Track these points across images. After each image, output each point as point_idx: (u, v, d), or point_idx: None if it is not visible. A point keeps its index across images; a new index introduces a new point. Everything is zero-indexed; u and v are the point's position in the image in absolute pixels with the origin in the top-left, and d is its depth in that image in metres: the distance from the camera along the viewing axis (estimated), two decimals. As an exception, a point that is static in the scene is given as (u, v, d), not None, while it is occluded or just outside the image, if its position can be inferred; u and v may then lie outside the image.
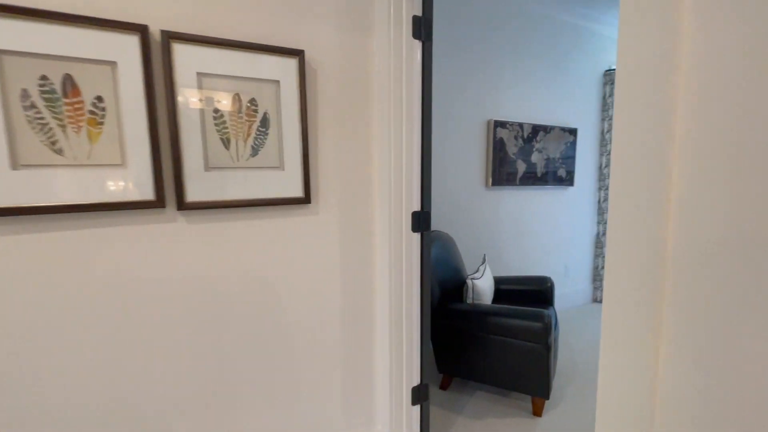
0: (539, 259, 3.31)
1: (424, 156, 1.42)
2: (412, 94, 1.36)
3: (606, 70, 3.56)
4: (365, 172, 1.42)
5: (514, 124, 2.93)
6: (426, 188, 1.44)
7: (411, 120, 1.37)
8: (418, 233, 1.44)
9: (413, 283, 1.44)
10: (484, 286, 2.08)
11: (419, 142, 1.40)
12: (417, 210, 1.42)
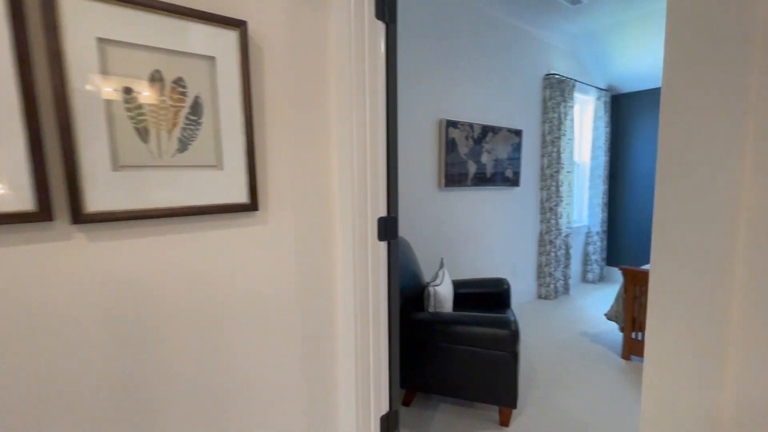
0: (490, 259, 3.34)
1: (390, 154, 1.25)
2: (376, 83, 1.19)
3: (545, 74, 3.71)
4: (323, 173, 1.21)
5: (465, 124, 2.90)
6: (392, 190, 1.27)
7: (375, 113, 1.20)
8: (385, 242, 1.27)
9: (380, 300, 1.27)
10: (444, 293, 1.97)
11: (384, 137, 1.24)
12: (383, 215, 1.25)
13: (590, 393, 2.12)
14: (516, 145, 3.37)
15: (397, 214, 1.30)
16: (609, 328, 3.04)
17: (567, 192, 3.88)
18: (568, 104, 3.78)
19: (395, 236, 1.29)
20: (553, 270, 3.80)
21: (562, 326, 3.09)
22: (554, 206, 3.76)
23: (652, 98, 4.13)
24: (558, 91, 3.68)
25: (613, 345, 2.73)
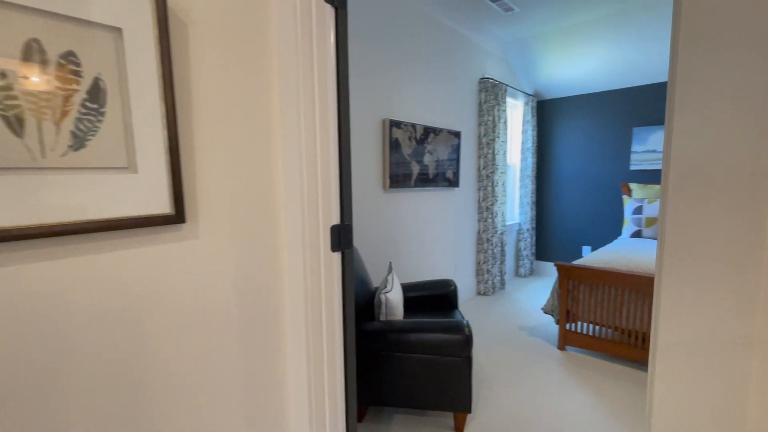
0: (433, 260, 3.35)
1: (342, 154, 1.13)
2: (326, 74, 1.06)
3: (481, 78, 3.83)
4: (267, 176, 1.04)
5: (408, 124, 2.85)
6: (346, 195, 1.15)
7: (325, 108, 1.06)
8: (339, 253, 1.14)
9: (334, 317, 1.13)
10: (396, 300, 1.89)
11: (336, 136, 1.11)
12: (336, 223, 1.12)
13: (535, 386, 2.20)
14: (455, 146, 3.43)
15: (351, 221, 1.18)
16: (545, 321, 3.22)
17: (501, 192, 4.06)
18: (501, 108, 3.96)
19: (349, 246, 1.16)
20: (490, 267, 3.95)
21: (502, 321, 3.21)
22: (490, 206, 3.91)
23: (573, 105, 4.50)
24: (492, 94, 3.83)
25: (550, 337, 2.89)
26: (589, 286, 2.54)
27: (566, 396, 2.11)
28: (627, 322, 2.39)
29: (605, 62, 3.93)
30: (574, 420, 1.89)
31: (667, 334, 0.70)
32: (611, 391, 2.14)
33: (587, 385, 2.21)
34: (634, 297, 2.36)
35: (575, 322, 2.64)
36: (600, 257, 2.71)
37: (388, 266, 2.19)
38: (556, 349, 2.68)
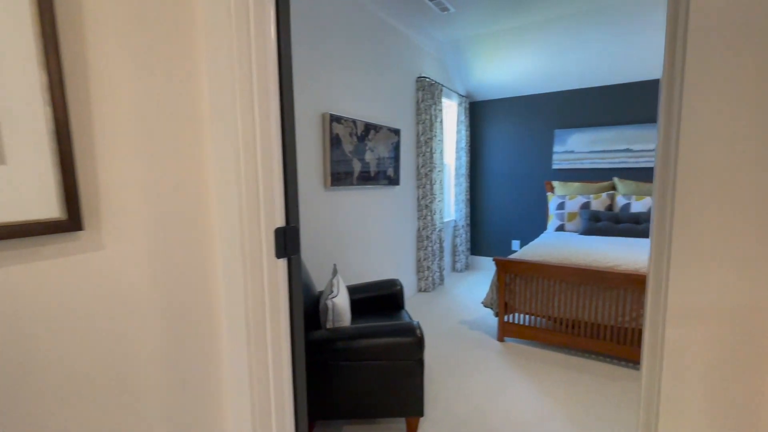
0: (376, 259, 3.28)
1: (286, 147, 0.99)
2: (266, 42, 0.91)
3: (418, 76, 3.85)
4: (195, 171, 0.87)
5: (349, 120, 2.74)
6: (291, 193, 1.01)
7: (265, 85, 0.91)
8: (285, 259, 1.00)
9: (281, 335, 0.99)
10: (343, 305, 1.78)
11: (278, 127, 0.96)
12: (281, 226, 0.98)
13: (480, 380, 2.24)
14: (395, 144, 3.40)
15: (298, 223, 1.04)
16: (483, 314, 3.34)
17: (439, 190, 4.13)
18: (438, 107, 4.02)
19: (297, 251, 1.03)
20: (430, 264, 4.01)
21: (444, 317, 3.26)
22: (429, 203, 3.96)
23: (502, 107, 4.75)
24: (429, 93, 3.87)
25: (489, 329, 2.99)
26: (525, 278, 2.67)
27: (510, 387, 2.17)
28: (558, 310, 2.56)
29: (531, 68, 4.20)
30: (521, 409, 1.95)
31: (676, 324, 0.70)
32: (549, 378, 2.26)
33: (527, 374, 2.32)
34: (565, 287, 2.52)
35: (512, 314, 2.76)
36: (533, 251, 2.87)
37: (333, 269, 2.06)
38: (496, 341, 2.78)
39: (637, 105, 3.97)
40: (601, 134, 4.17)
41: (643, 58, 3.70)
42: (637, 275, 2.26)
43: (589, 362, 2.45)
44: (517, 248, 4.81)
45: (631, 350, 2.34)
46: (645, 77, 3.88)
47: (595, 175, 4.26)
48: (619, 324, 2.37)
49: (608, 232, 3.53)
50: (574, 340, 2.52)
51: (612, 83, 4.06)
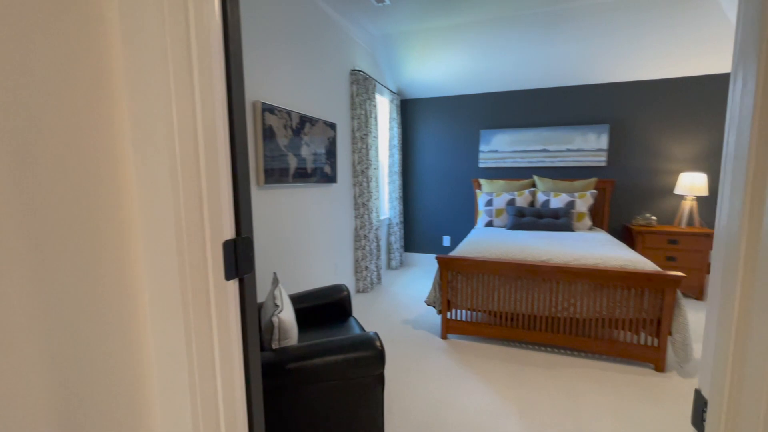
0: (315, 262, 3.06)
1: (235, 135, 0.77)
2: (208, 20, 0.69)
3: (352, 69, 3.69)
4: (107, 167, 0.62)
5: (283, 111, 2.48)
6: (243, 193, 0.80)
7: (209, 72, 0.69)
8: (236, 281, 0.78)
9: (235, 385, 0.77)
10: (289, 320, 1.57)
11: (226, 110, 0.75)
12: (230, 238, 0.76)
13: (432, 382, 2.20)
14: (332, 139, 3.21)
15: (251, 232, 0.83)
16: (425, 312, 3.33)
17: (375, 187, 4.04)
18: (372, 102, 3.92)
19: (251, 267, 0.82)
20: (368, 263, 3.90)
21: (386, 317, 3.18)
22: (366, 201, 3.84)
23: (432, 106, 4.82)
24: (363, 88, 3.74)
25: (432, 327, 2.99)
26: (466, 275, 2.71)
27: (462, 386, 2.16)
28: (497, 305, 2.64)
29: (459, 68, 4.31)
30: (476, 409, 1.94)
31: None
32: (494, 372, 2.31)
33: (475, 371, 2.34)
34: (503, 281, 2.61)
35: (454, 310, 2.78)
36: (472, 247, 2.92)
37: (273, 278, 1.83)
38: (440, 339, 2.78)
39: (553, 109, 4.33)
40: (521, 135, 4.47)
41: (559, 66, 4.04)
42: (568, 267, 2.42)
43: (527, 352, 2.57)
44: (448, 244, 4.95)
45: (564, 338, 2.51)
46: (560, 83, 4.24)
47: (517, 174, 4.57)
48: (552, 314, 2.52)
49: (532, 226, 3.78)
50: (513, 332, 2.63)
51: (531, 88, 4.37)
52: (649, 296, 2.30)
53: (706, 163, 3.85)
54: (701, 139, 3.84)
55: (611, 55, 3.79)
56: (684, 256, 3.62)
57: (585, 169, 4.29)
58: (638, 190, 4.11)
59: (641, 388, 2.14)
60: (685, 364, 2.22)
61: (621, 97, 4.07)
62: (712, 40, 3.43)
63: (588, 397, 2.05)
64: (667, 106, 3.92)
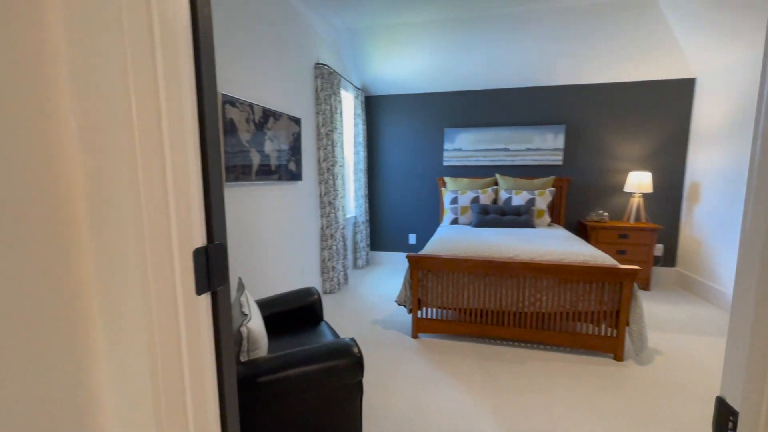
0: (280, 263, 2.92)
1: (206, 129, 0.67)
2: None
3: (316, 63, 3.56)
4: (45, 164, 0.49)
5: (245, 104, 2.32)
6: (216, 197, 0.70)
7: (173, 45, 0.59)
8: (208, 295, 0.68)
9: (209, 408, 0.67)
10: (258, 330, 1.45)
11: (194, 98, 0.64)
12: (201, 245, 0.66)
13: (406, 384, 2.16)
14: (296, 134, 3.07)
15: (225, 239, 0.73)
16: (395, 311, 3.29)
17: (341, 185, 3.94)
18: (337, 98, 3.81)
19: (225, 278, 0.72)
20: (335, 263, 3.80)
21: (356, 318, 3.11)
22: (332, 200, 3.74)
23: (397, 103, 4.79)
24: (328, 83, 3.62)
25: (403, 326, 2.96)
26: (436, 274, 2.70)
27: (436, 387, 2.15)
28: (467, 302, 2.66)
29: (425, 66, 4.31)
30: (452, 409, 1.93)
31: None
32: (466, 370, 2.32)
33: (448, 369, 2.33)
34: (473, 279, 2.63)
35: (425, 309, 2.77)
36: (441, 245, 2.92)
37: (238, 283, 1.69)
38: (411, 339, 2.76)
39: (514, 109, 4.45)
40: (483, 134, 4.56)
41: (520, 68, 4.16)
42: (534, 264, 2.48)
43: (496, 348, 2.62)
44: (414, 242, 4.96)
45: (531, 333, 2.58)
46: (521, 84, 4.37)
47: (481, 172, 4.66)
48: (520, 309, 2.58)
49: (496, 223, 3.87)
50: (482, 328, 2.66)
51: (493, 88, 4.47)
52: (608, 289, 2.42)
53: (651, 162, 4.14)
54: (647, 140, 4.12)
55: (568, 59, 3.96)
56: (633, 250, 3.88)
57: (543, 167, 4.47)
58: (592, 188, 4.35)
59: (603, 377, 2.24)
60: (641, 352, 2.36)
61: (576, 99, 4.27)
62: (656, 48, 3.68)
63: (557, 389, 2.12)
64: (617, 108, 4.16)
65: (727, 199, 3.40)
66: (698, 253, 3.79)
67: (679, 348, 2.60)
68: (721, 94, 3.51)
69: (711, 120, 3.65)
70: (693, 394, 2.07)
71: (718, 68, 3.55)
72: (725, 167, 3.43)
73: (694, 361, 2.43)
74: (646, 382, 2.19)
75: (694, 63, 3.72)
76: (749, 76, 3.15)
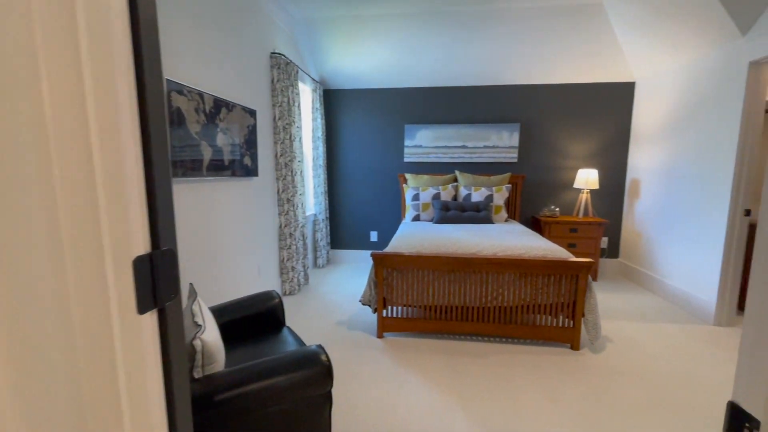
0: (235, 266, 2.72)
1: (149, 117, 0.55)
2: None
3: (272, 52, 3.37)
4: None
5: (194, 91, 2.12)
6: (163, 194, 0.58)
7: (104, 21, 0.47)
8: (154, 313, 0.56)
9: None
10: (214, 342, 1.31)
11: (132, 81, 0.52)
12: (143, 253, 0.54)
13: (374, 387, 2.09)
14: (252, 127, 2.88)
15: (175, 244, 0.61)
16: (358, 311, 3.21)
17: (300, 182, 3.78)
18: (295, 90, 3.64)
19: (176, 291, 0.60)
20: (294, 264, 3.64)
21: (319, 320, 2.99)
22: (291, 197, 3.57)
23: (357, 97, 4.68)
24: (285, 73, 3.44)
25: (367, 327, 2.89)
26: (401, 271, 2.66)
27: (404, 388, 2.10)
28: (432, 299, 2.64)
29: (385, 61, 4.25)
30: (422, 409, 1.89)
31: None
32: (433, 367, 2.30)
33: (416, 369, 2.30)
34: (438, 275, 2.62)
35: (390, 307, 2.72)
36: (405, 242, 2.88)
37: (189, 290, 1.53)
38: (377, 339, 2.69)
39: (472, 107, 4.52)
40: (443, 131, 4.59)
41: (478, 66, 4.22)
42: (497, 259, 2.52)
43: (461, 343, 2.63)
44: (376, 239, 4.90)
45: (494, 327, 2.62)
46: (479, 83, 4.44)
47: (441, 169, 4.69)
48: (483, 304, 2.61)
49: (457, 220, 3.91)
50: (447, 324, 2.66)
51: (452, 85, 4.51)
52: (565, 282, 2.51)
53: (597, 160, 4.40)
54: (593, 139, 4.37)
55: (522, 59, 4.08)
56: (582, 243, 4.10)
57: (500, 164, 4.59)
58: (544, 185, 4.54)
59: (563, 366, 2.32)
60: (596, 341, 2.48)
61: (529, 98, 4.42)
62: (602, 52, 3.90)
63: (520, 381, 2.16)
64: (566, 108, 4.37)
65: (663, 195, 3.69)
66: (638, 245, 4.09)
67: (628, 335, 2.77)
68: (657, 98, 3.80)
69: (648, 121, 3.94)
70: (642, 379, 2.20)
71: (655, 73, 3.83)
72: (661, 165, 3.72)
73: (641, 346, 2.60)
74: (600, 369, 2.30)
75: (634, 68, 3.99)
76: (682, 81, 3.43)
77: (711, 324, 2.98)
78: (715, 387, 2.11)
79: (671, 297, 3.48)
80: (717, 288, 2.96)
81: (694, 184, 3.25)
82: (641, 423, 1.80)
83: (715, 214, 3.00)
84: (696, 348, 2.57)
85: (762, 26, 2.61)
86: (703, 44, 3.06)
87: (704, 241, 3.11)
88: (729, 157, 2.88)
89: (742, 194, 2.84)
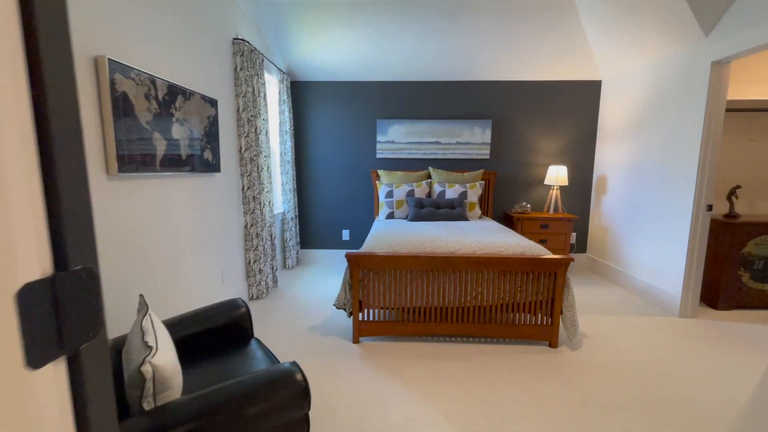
0: (194, 269, 2.48)
1: (47, 106, 0.38)
2: None
3: (234, 37, 3.11)
4: None
5: (144, 75, 1.87)
6: (77, 195, 0.41)
7: None
8: (57, 363, 0.39)
9: None
10: (170, 365, 1.12)
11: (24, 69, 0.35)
12: (39, 278, 0.37)
13: (350, 393, 1.95)
14: (213, 118, 2.63)
15: (96, 261, 0.44)
16: (332, 315, 3.05)
17: (267, 178, 3.55)
18: (260, 80, 3.40)
19: (98, 325, 0.43)
20: (262, 265, 3.41)
21: (290, 326, 2.80)
22: (257, 194, 3.34)
23: (326, 90, 4.48)
24: (249, 61, 3.20)
25: (342, 331, 2.74)
26: (377, 272, 2.53)
27: (383, 396, 1.97)
28: (410, 300, 2.53)
29: (355, 53, 4.08)
30: (405, 418, 1.77)
31: None
32: (413, 372, 2.19)
33: (394, 374, 2.17)
34: (415, 275, 2.51)
35: (366, 310, 2.58)
36: (381, 242, 2.75)
37: (139, 302, 1.32)
38: (352, 344, 2.55)
39: (445, 102, 4.45)
40: (416, 127, 4.49)
41: (450, 61, 4.15)
42: (476, 258, 2.44)
43: (440, 345, 2.54)
44: (348, 238, 4.74)
45: (473, 327, 2.55)
46: (451, 78, 4.37)
47: (414, 165, 4.60)
48: (462, 304, 2.53)
49: (432, 217, 3.83)
50: (425, 326, 2.56)
51: (424, 80, 4.41)
52: (543, 279, 2.48)
53: (566, 156, 4.46)
54: (563, 136, 4.43)
55: (492, 54, 4.05)
56: (552, 239, 4.14)
57: (473, 161, 4.56)
58: (516, 181, 4.56)
59: (542, 364, 2.28)
60: (574, 338, 2.47)
61: (501, 94, 4.41)
62: (571, 50, 3.93)
63: (502, 381, 2.09)
64: (536, 105, 4.40)
65: (629, 191, 3.79)
66: (606, 240, 4.20)
67: (601, 329, 2.80)
68: (623, 96, 3.89)
69: (615, 119, 4.03)
70: (617, 372, 2.20)
71: (621, 72, 3.91)
72: (627, 162, 3.81)
73: (615, 340, 2.62)
74: (579, 365, 2.29)
75: (601, 66, 4.06)
76: (647, 80, 3.51)
77: (676, 316, 3.07)
78: (686, 378, 2.14)
79: (638, 290, 3.58)
80: (682, 281, 3.05)
81: (659, 181, 3.35)
82: (625, 419, 1.78)
83: (679, 209, 3.10)
84: (664, 340, 2.63)
85: (724, 27, 2.69)
86: (667, 44, 3.13)
87: (669, 236, 3.21)
88: (692, 154, 2.96)
89: (705, 190, 2.93)
